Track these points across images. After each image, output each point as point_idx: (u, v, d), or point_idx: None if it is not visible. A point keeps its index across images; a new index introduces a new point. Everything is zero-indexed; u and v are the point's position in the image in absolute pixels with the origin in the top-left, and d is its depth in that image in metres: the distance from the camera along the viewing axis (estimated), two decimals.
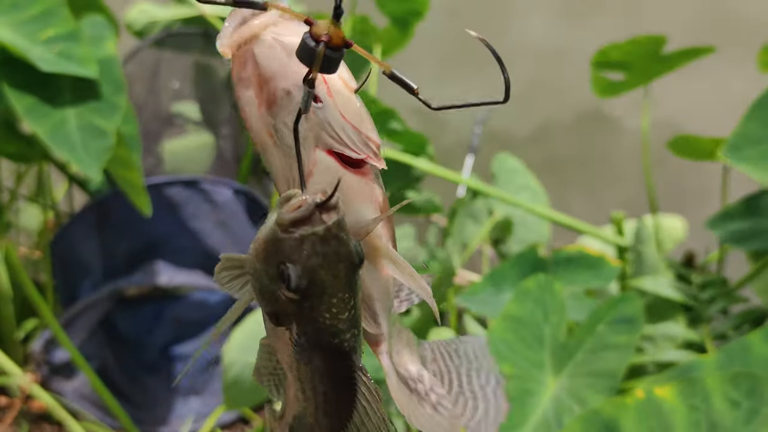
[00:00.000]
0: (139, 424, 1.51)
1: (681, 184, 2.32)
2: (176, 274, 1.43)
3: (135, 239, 1.45)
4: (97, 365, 1.50)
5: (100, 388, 1.32)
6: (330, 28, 0.34)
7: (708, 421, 0.70)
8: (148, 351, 1.61)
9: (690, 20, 2.52)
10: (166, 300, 1.65)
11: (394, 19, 1.86)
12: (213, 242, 1.44)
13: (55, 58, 1.14)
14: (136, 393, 1.55)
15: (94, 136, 1.12)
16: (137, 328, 1.61)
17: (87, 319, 1.43)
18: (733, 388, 0.71)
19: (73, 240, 1.42)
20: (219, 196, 1.43)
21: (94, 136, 1.12)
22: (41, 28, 1.17)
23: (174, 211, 1.42)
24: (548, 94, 2.59)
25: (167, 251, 1.46)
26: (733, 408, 0.70)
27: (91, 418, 1.45)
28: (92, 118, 1.14)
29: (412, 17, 1.84)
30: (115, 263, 1.45)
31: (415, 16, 1.84)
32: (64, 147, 1.11)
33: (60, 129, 1.12)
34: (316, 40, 0.34)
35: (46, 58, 1.13)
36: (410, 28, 1.87)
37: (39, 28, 1.17)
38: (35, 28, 1.17)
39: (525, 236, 1.76)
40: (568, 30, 2.74)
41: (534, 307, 0.92)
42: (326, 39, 0.34)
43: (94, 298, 1.38)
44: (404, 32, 1.93)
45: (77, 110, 1.15)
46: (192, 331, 1.63)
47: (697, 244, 1.60)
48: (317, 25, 0.34)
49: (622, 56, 1.53)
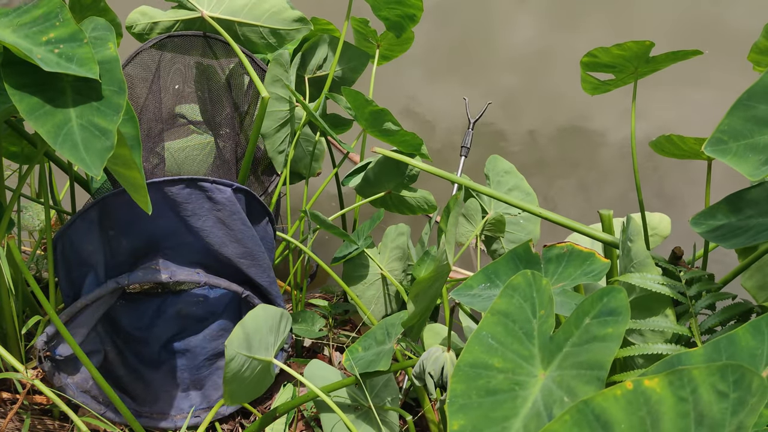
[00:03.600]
0: (140, 418, 1.53)
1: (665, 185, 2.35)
2: (177, 271, 1.45)
3: (136, 237, 1.46)
4: (98, 360, 1.53)
5: (102, 383, 1.34)
6: None
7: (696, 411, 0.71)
8: (149, 346, 1.63)
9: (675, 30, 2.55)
10: (167, 296, 1.66)
11: (388, 24, 1.88)
12: (213, 240, 1.46)
13: (56, 58, 1.15)
14: (138, 387, 1.57)
15: (95, 136, 1.12)
16: (138, 323, 1.63)
17: (89, 315, 1.45)
18: (720, 380, 0.72)
19: (75, 238, 1.43)
20: (219, 195, 1.44)
21: (95, 136, 1.12)
22: (43, 30, 1.18)
23: (175, 210, 1.43)
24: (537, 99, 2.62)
25: (168, 249, 1.48)
26: (721, 399, 0.71)
27: (92, 412, 1.47)
28: (94, 118, 1.14)
29: (406, 22, 1.86)
30: (117, 260, 1.47)
31: (409, 21, 1.86)
32: (66, 147, 1.11)
33: (62, 129, 1.12)
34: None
35: (47, 58, 1.14)
36: (405, 32, 1.89)
37: (41, 30, 1.18)
38: (37, 30, 1.18)
39: (517, 235, 1.78)
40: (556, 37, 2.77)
41: (522, 301, 0.94)
42: None
43: (96, 294, 1.40)
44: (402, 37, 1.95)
45: (79, 110, 1.15)
46: (193, 327, 1.65)
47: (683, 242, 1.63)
48: None
49: (610, 59, 1.55)
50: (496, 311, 0.93)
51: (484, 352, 0.90)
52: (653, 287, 1.14)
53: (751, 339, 0.87)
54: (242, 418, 1.60)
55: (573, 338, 0.87)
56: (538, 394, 0.85)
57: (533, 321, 0.92)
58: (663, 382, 0.72)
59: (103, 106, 1.16)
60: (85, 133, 1.13)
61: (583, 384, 0.82)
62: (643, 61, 1.54)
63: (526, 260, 1.15)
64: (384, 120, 1.63)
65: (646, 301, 1.17)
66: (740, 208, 1.11)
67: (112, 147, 1.10)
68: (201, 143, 1.76)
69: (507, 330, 0.92)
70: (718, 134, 0.95)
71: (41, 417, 1.50)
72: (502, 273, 1.15)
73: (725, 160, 0.94)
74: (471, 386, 0.87)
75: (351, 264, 1.72)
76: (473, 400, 0.86)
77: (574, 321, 0.88)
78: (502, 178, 1.78)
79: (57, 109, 1.15)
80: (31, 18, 1.19)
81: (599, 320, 0.86)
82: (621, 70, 1.58)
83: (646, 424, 0.71)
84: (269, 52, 1.80)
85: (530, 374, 0.88)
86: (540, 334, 0.90)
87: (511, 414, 0.84)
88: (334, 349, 1.74)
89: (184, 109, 1.75)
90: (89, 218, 1.43)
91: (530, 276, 0.95)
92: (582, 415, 0.72)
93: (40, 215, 1.93)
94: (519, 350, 0.90)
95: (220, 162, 1.74)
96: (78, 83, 1.18)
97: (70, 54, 1.16)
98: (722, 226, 1.11)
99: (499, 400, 0.86)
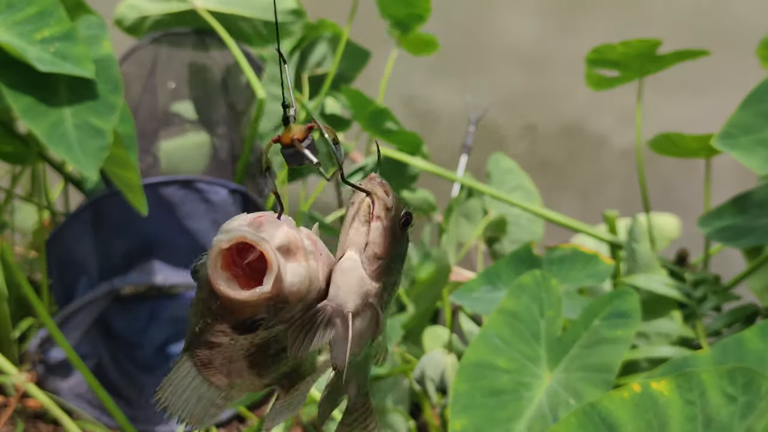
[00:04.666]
0: (134, 423, 1.51)
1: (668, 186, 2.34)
2: (172, 273, 1.43)
3: (131, 238, 1.45)
4: (92, 364, 1.50)
5: (96, 387, 1.32)
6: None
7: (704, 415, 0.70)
8: (143, 349, 1.61)
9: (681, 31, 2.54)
10: (162, 299, 1.65)
11: (395, 23, 1.86)
12: (209, 242, 1.43)
13: (51, 57, 1.14)
14: (132, 391, 1.55)
15: (90, 136, 1.11)
16: (133, 326, 1.61)
17: (82, 318, 1.43)
18: (729, 383, 0.71)
19: (68, 239, 1.42)
20: (215, 196, 1.43)
21: (90, 135, 1.11)
22: (37, 29, 1.17)
23: (170, 211, 1.42)
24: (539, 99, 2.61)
25: (163, 250, 1.46)
26: (730, 402, 0.70)
27: (86, 416, 1.45)
28: (89, 117, 1.13)
29: (413, 21, 1.84)
30: (110, 262, 1.45)
31: (416, 20, 1.84)
32: (61, 147, 1.10)
33: (57, 128, 1.12)
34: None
35: (42, 57, 1.13)
36: (411, 31, 1.87)
37: (35, 28, 1.17)
38: (31, 29, 1.17)
39: (519, 236, 1.77)
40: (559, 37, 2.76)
41: (530, 302, 0.93)
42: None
43: (89, 297, 1.38)
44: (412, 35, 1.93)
45: (74, 110, 1.15)
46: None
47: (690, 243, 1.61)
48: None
49: (616, 56, 1.54)
50: (503, 311, 0.93)
51: (490, 351, 0.89)
52: (659, 289, 1.13)
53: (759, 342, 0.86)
54: (239, 423, 1.58)
55: (581, 340, 0.86)
56: (543, 395, 0.84)
57: (540, 321, 0.91)
58: (671, 384, 0.71)
59: (99, 106, 1.16)
60: (81, 132, 1.12)
61: (590, 386, 0.82)
62: (649, 60, 1.53)
63: (527, 262, 1.14)
64: (384, 120, 1.62)
65: (651, 304, 1.16)
66: (747, 209, 1.11)
67: (107, 147, 1.10)
68: (197, 143, 1.74)
69: (513, 330, 0.91)
70: (728, 128, 0.95)
71: (34, 421, 1.48)
72: (503, 275, 1.14)
73: (734, 154, 0.93)
74: (475, 386, 0.86)
75: None
76: (477, 400, 0.85)
77: (582, 322, 0.87)
78: (504, 177, 1.77)
79: (52, 108, 1.15)
80: (25, 16, 1.18)
81: (609, 322, 0.85)
82: (626, 68, 1.58)
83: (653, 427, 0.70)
84: (263, 45, 1.78)
85: (536, 375, 0.87)
86: (547, 335, 0.89)
87: (516, 415, 0.83)
88: None
89: (180, 108, 1.73)
90: (83, 219, 1.42)
91: (539, 276, 0.94)
92: (588, 418, 0.71)
93: (33, 216, 1.91)
94: (525, 351, 0.89)
95: (215, 162, 1.73)
96: (73, 82, 1.17)
97: (65, 53, 1.16)
98: (729, 227, 1.11)
99: (503, 400, 0.85)
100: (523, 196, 1.79)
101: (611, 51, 1.53)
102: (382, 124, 1.63)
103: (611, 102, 1.97)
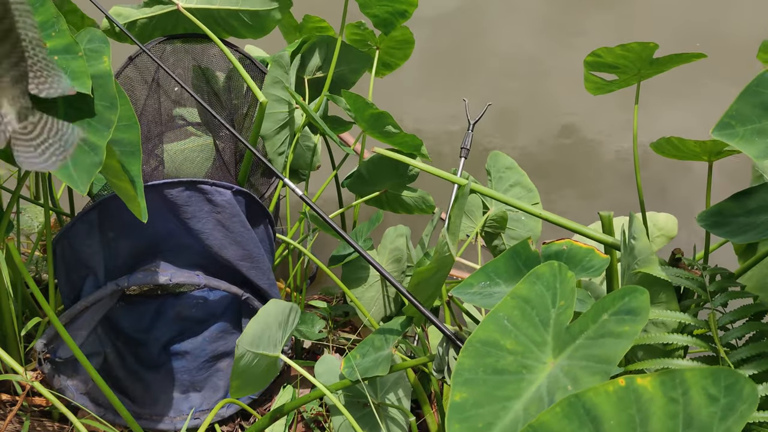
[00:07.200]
0: (139, 420, 1.53)
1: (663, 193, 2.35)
2: (177, 273, 1.45)
3: (136, 239, 1.46)
4: (98, 362, 1.52)
5: (102, 385, 1.34)
6: None
7: (685, 413, 0.72)
8: (149, 348, 1.62)
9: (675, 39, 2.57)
10: (167, 298, 1.66)
11: (376, 21, 1.85)
12: (213, 242, 1.46)
13: None
14: (137, 389, 1.57)
15: (85, 152, 1.10)
16: (138, 325, 1.63)
17: (89, 317, 1.44)
18: (712, 383, 0.72)
19: (75, 240, 1.43)
20: (219, 197, 1.44)
21: (85, 151, 1.10)
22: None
23: (175, 212, 1.43)
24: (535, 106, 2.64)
25: (168, 251, 1.48)
26: (711, 403, 0.72)
27: (92, 414, 1.47)
28: (84, 133, 1.12)
29: (395, 18, 1.83)
30: (116, 262, 1.47)
31: (398, 17, 1.83)
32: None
33: None
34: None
35: None
36: (393, 29, 1.86)
37: None
38: None
39: (518, 232, 1.79)
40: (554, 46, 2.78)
41: (544, 290, 0.94)
42: None
43: (95, 296, 1.40)
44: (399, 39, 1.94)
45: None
46: (192, 329, 1.65)
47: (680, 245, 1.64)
48: None
49: (614, 59, 1.56)
50: (516, 295, 0.94)
51: (498, 331, 0.91)
52: (676, 281, 1.12)
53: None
54: (242, 420, 1.59)
55: (588, 331, 0.87)
56: (544, 380, 0.86)
57: (551, 310, 0.92)
58: (655, 381, 0.73)
59: (95, 122, 1.14)
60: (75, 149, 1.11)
61: (588, 375, 0.82)
62: (647, 63, 1.54)
63: (525, 258, 1.15)
64: (384, 123, 1.63)
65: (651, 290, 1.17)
66: (746, 205, 1.13)
67: (100, 163, 1.08)
68: (200, 145, 1.76)
69: (524, 314, 0.92)
70: (726, 119, 0.97)
71: (41, 419, 1.50)
72: (501, 271, 1.15)
73: (732, 143, 0.95)
74: (479, 363, 0.88)
75: (350, 266, 1.73)
76: (479, 376, 0.87)
77: (591, 315, 0.89)
78: (503, 174, 1.78)
79: None
80: None
81: (617, 318, 0.86)
82: (624, 71, 1.59)
83: (635, 422, 0.72)
84: (251, 36, 1.79)
85: (540, 360, 0.88)
86: (556, 324, 0.91)
87: (514, 395, 0.85)
88: (334, 351, 1.74)
89: (183, 111, 1.75)
90: (89, 220, 1.43)
91: (556, 266, 0.96)
92: (572, 408, 0.73)
93: (39, 217, 1.93)
94: (533, 335, 0.91)
95: (219, 164, 1.74)
96: (70, 96, 1.15)
97: (63, 66, 1.15)
98: (730, 223, 1.13)
99: (504, 380, 0.86)
100: (522, 192, 1.80)
101: (609, 54, 1.55)
102: (383, 127, 1.65)
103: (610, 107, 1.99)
